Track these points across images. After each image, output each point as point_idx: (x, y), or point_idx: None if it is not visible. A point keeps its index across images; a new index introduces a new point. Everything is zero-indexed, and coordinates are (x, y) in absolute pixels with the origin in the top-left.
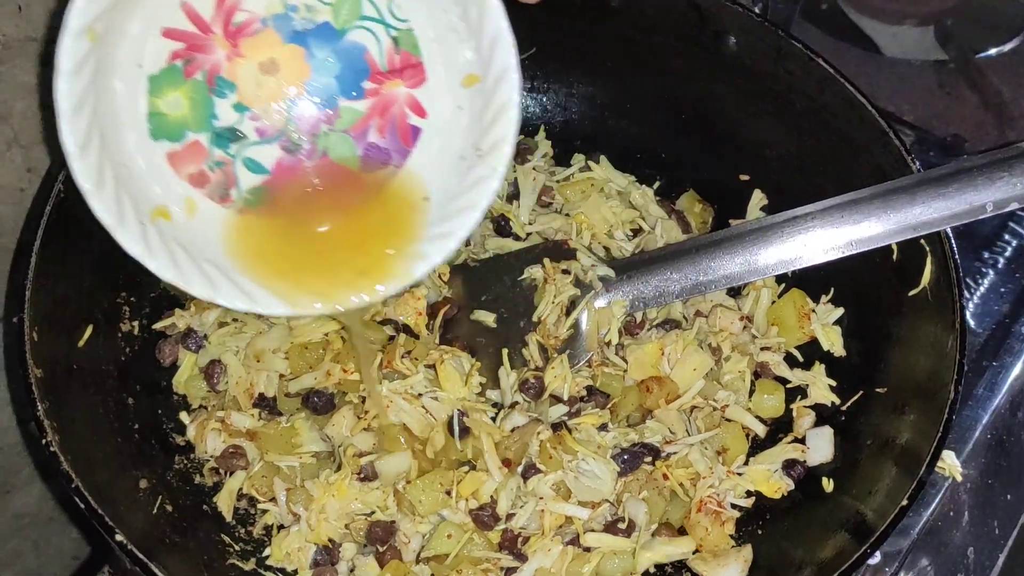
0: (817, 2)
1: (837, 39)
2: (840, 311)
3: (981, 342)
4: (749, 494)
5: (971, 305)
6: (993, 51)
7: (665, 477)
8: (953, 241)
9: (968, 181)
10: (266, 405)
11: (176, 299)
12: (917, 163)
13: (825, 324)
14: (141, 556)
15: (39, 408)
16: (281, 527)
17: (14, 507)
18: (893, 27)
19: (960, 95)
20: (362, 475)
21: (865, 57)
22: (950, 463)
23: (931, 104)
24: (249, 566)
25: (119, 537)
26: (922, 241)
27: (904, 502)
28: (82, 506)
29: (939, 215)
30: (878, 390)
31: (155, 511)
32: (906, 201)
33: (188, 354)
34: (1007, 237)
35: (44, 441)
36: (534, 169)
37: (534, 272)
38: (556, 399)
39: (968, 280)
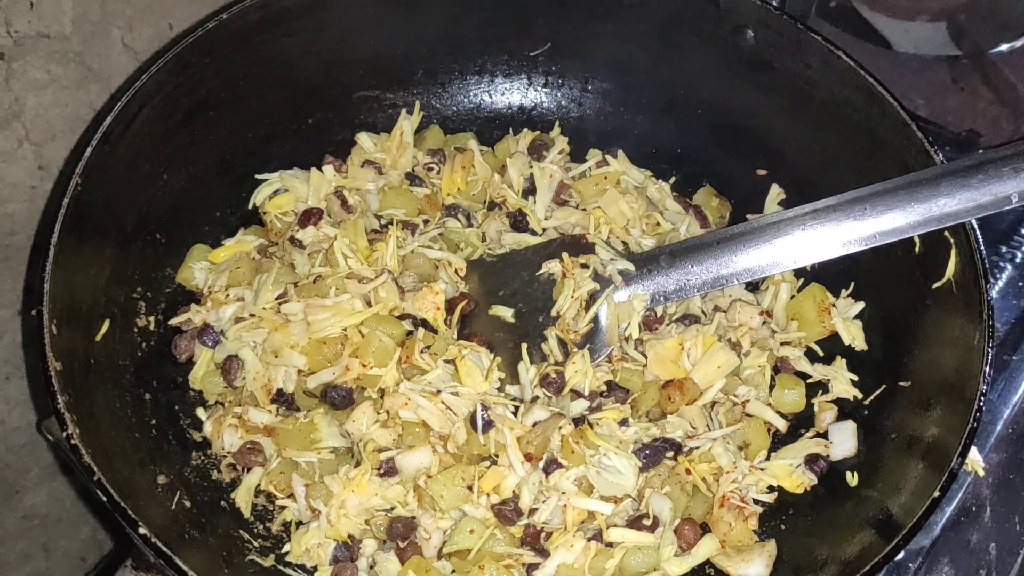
0: None
1: (849, 35)
2: (861, 305)
3: (1001, 337)
4: (771, 489)
5: None
6: (1006, 47)
7: (688, 472)
8: (978, 232)
9: (993, 172)
10: (284, 401)
11: (192, 294)
12: (940, 155)
13: (846, 318)
14: (164, 549)
15: (59, 400)
16: (300, 523)
17: (23, 508)
18: (905, 23)
19: (974, 90)
20: (382, 470)
21: (877, 53)
22: (972, 458)
23: (945, 100)
24: (268, 562)
25: (142, 530)
26: (946, 233)
27: (936, 493)
28: (104, 499)
29: (964, 206)
30: (902, 384)
31: (174, 507)
32: (930, 192)
33: (204, 350)
34: None
35: (65, 434)
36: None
37: (552, 266)
38: (576, 394)
39: None
